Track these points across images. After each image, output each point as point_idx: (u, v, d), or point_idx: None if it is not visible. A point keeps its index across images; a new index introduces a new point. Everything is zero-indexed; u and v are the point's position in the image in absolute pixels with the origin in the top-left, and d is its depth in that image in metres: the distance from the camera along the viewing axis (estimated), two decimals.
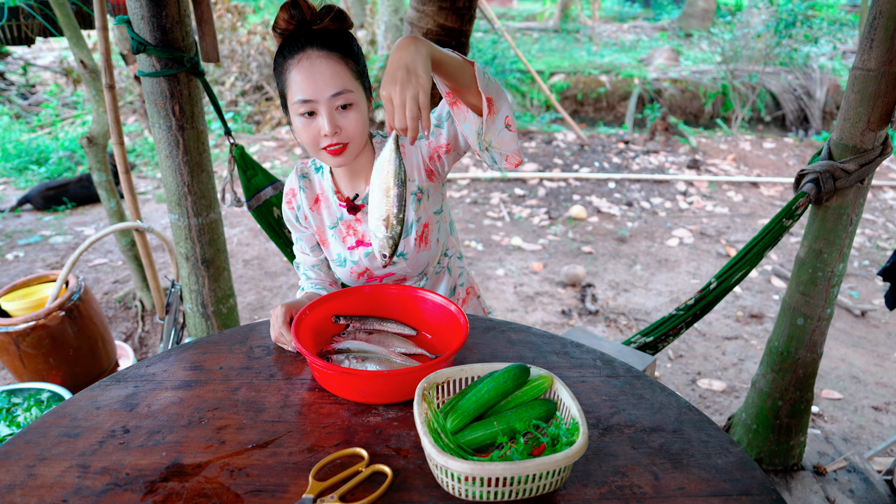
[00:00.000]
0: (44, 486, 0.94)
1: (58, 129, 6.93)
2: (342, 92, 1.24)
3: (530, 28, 14.51)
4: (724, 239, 4.76)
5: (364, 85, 1.31)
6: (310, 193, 1.48)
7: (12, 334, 2.28)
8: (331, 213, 1.48)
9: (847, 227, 1.95)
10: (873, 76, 1.77)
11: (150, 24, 1.80)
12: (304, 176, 1.49)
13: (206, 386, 1.18)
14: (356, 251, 1.49)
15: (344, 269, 1.53)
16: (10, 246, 4.37)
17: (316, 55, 1.23)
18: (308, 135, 1.27)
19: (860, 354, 3.32)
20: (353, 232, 1.47)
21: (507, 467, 0.86)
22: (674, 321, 2.07)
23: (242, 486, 0.94)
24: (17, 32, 2.75)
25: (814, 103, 8.01)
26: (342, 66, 1.25)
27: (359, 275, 1.54)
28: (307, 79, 1.23)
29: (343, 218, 1.47)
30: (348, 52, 1.27)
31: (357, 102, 1.27)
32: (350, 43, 1.29)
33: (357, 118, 1.28)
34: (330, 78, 1.23)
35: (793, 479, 2.20)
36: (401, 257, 1.49)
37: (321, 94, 1.23)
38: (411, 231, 1.47)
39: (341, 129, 1.27)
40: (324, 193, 1.48)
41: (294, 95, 1.25)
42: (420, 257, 1.48)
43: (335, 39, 1.26)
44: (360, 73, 1.29)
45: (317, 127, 1.26)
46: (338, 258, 1.51)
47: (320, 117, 1.25)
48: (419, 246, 1.47)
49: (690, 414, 1.13)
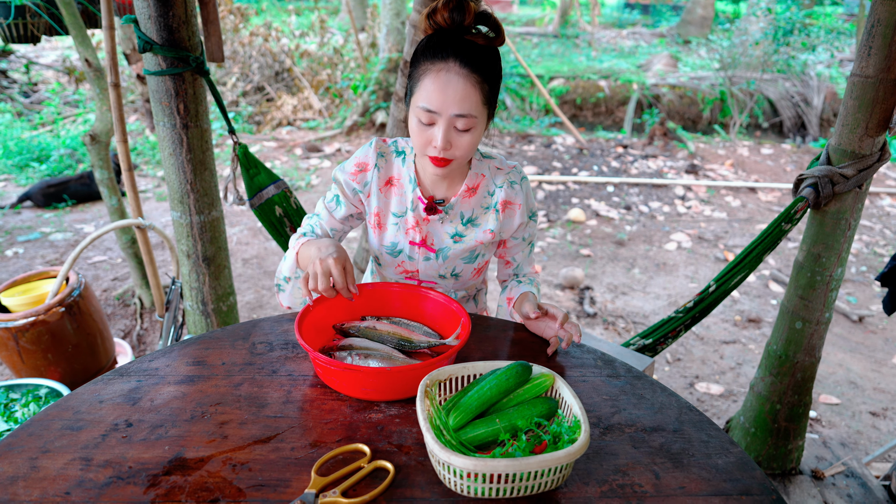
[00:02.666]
0: (47, 478, 0.94)
1: (59, 128, 6.92)
2: (466, 116, 1.25)
3: (530, 33, 14.55)
4: (722, 243, 4.77)
5: (489, 110, 1.31)
6: (384, 173, 1.47)
7: (11, 330, 2.27)
8: (402, 200, 1.48)
9: (845, 231, 1.96)
10: (871, 83, 1.79)
11: (157, 23, 1.80)
12: (382, 155, 1.47)
13: (208, 381, 1.19)
14: (417, 249, 1.50)
15: (394, 260, 1.54)
16: (10, 242, 4.36)
17: (456, 71, 1.22)
18: (419, 139, 1.29)
19: (858, 360, 3.33)
20: (420, 230, 1.48)
21: (509, 464, 0.86)
22: (673, 324, 2.08)
23: (245, 480, 0.94)
24: (23, 30, 2.76)
25: (811, 110, 8.04)
26: (476, 91, 1.24)
27: (406, 271, 1.55)
28: (438, 91, 1.23)
29: (415, 211, 1.46)
30: (488, 76, 1.26)
31: (476, 127, 1.28)
32: (494, 64, 1.28)
33: (471, 141, 1.29)
34: (461, 99, 1.23)
35: (791, 483, 2.21)
36: (454, 276, 1.55)
37: (446, 111, 1.24)
38: (474, 261, 1.53)
39: (452, 146, 1.28)
40: (400, 180, 1.47)
41: (420, 100, 1.25)
42: (468, 283, 1.60)
43: (481, 57, 1.24)
44: (490, 99, 1.29)
45: (430, 135, 1.27)
46: (391, 246, 1.51)
47: (437, 129, 1.26)
48: (475, 275, 1.58)
49: (691, 414, 1.14)
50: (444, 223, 1.48)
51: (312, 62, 8.50)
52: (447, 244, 1.50)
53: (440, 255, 1.50)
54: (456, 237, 1.49)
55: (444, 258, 1.51)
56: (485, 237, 1.49)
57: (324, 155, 6.64)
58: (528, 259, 1.61)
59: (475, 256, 1.53)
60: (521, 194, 1.47)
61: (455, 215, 1.47)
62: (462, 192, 1.45)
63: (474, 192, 1.46)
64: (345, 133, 7.24)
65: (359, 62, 8.39)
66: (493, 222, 1.48)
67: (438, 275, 1.54)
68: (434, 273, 1.53)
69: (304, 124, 7.67)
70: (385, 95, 7.23)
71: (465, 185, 1.45)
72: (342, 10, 14.51)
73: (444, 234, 1.49)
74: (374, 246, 1.56)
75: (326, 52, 8.74)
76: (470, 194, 1.46)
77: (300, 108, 7.93)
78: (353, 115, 7.32)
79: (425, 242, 1.49)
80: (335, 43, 9.14)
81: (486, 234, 1.49)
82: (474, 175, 1.46)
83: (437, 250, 1.50)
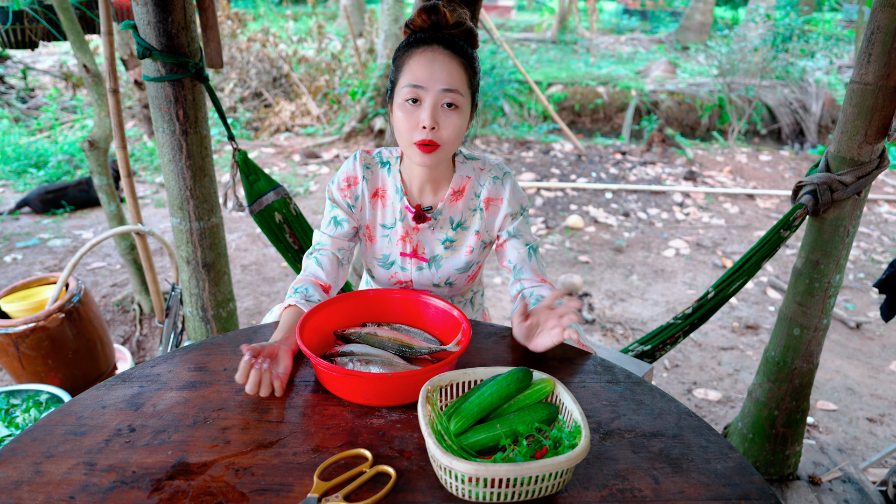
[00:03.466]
0: (51, 482, 0.95)
1: (57, 133, 6.93)
2: (453, 90, 1.27)
3: (528, 39, 14.61)
4: (721, 250, 4.79)
5: (472, 100, 1.34)
6: (371, 185, 1.48)
7: (12, 336, 2.28)
8: (389, 211, 1.48)
9: (844, 238, 1.97)
10: (871, 90, 1.80)
11: (157, 29, 1.81)
12: (367, 167, 1.47)
13: (210, 386, 1.19)
14: (409, 260, 1.50)
15: (387, 272, 1.54)
16: (9, 248, 4.36)
17: (441, 52, 1.27)
18: (406, 124, 1.29)
19: (855, 366, 3.34)
20: (410, 240, 1.48)
21: (510, 468, 0.87)
22: (671, 330, 2.09)
23: (248, 484, 0.95)
24: (20, 36, 2.77)
25: (809, 117, 8.09)
26: (461, 70, 1.28)
27: (399, 282, 1.55)
28: (424, 66, 1.26)
29: (404, 221, 1.47)
30: (469, 64, 1.31)
31: (462, 107, 1.30)
32: (474, 58, 1.33)
33: (457, 122, 1.30)
34: (447, 74, 1.26)
35: (788, 488, 2.21)
36: (448, 285, 1.55)
37: (433, 85, 1.26)
38: (468, 270, 1.53)
39: (439, 126, 1.29)
40: (386, 191, 1.48)
41: (406, 80, 1.27)
42: (462, 289, 1.61)
43: (462, 48, 1.30)
44: (472, 86, 1.33)
45: (416, 117, 1.28)
46: (383, 259, 1.52)
47: (423, 108, 1.27)
48: (468, 282, 1.58)
49: (690, 420, 1.14)
50: (434, 230, 1.49)
51: (310, 68, 8.53)
52: (438, 252, 1.50)
53: (433, 263, 1.51)
54: (447, 243, 1.49)
55: (437, 267, 1.51)
56: (474, 240, 1.49)
57: (322, 161, 6.65)
58: (528, 263, 1.49)
59: (469, 266, 1.53)
60: (503, 189, 1.46)
61: (444, 221, 1.48)
62: (448, 195, 1.46)
63: (461, 195, 1.47)
64: (343, 139, 7.26)
65: (357, 68, 8.42)
66: (478, 222, 1.48)
67: (432, 284, 1.54)
68: (427, 282, 1.54)
69: (302, 130, 7.69)
70: (383, 101, 7.26)
71: (450, 188, 1.45)
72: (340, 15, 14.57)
73: (436, 241, 1.49)
74: (366, 258, 1.57)
75: (324, 57, 8.77)
76: (457, 198, 1.47)
77: (298, 114, 7.95)
78: (352, 121, 7.34)
79: (416, 253, 1.50)
80: (333, 49, 9.17)
81: (474, 237, 1.49)
82: (459, 178, 1.46)
83: (428, 259, 1.51)
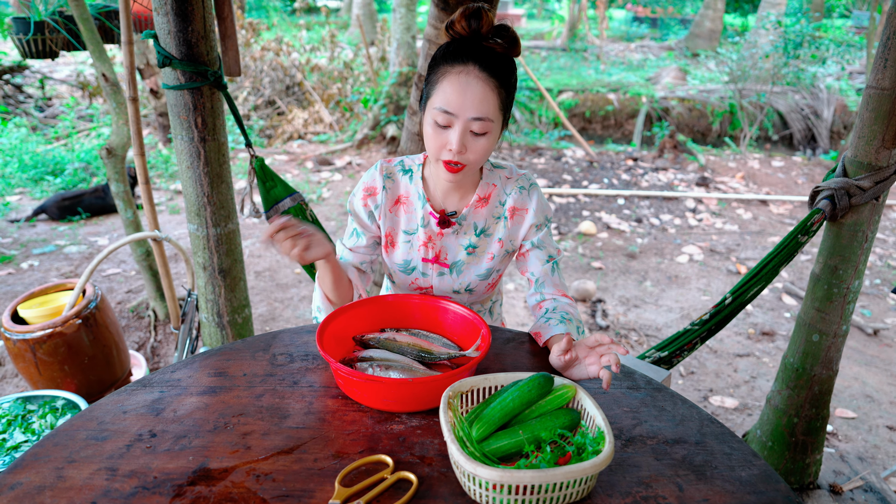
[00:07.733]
0: (73, 487, 0.95)
1: (73, 141, 7.00)
2: (483, 119, 1.26)
3: (539, 46, 14.65)
4: (734, 256, 4.76)
5: (504, 117, 1.33)
6: (391, 194, 1.48)
7: (29, 341, 2.29)
8: (411, 217, 1.49)
9: (862, 243, 1.95)
10: (888, 95, 1.79)
11: (177, 38, 1.83)
12: (388, 176, 1.48)
13: (230, 392, 1.19)
14: (430, 266, 1.50)
15: (406, 277, 1.54)
16: (26, 255, 4.41)
17: (475, 74, 1.24)
18: (434, 142, 1.29)
19: (873, 373, 3.30)
20: (433, 245, 1.48)
21: (535, 475, 0.86)
22: (689, 336, 2.07)
23: (269, 490, 0.95)
24: (41, 46, 2.81)
25: (821, 123, 8.03)
26: (494, 95, 1.26)
27: (419, 288, 1.56)
28: (457, 93, 1.24)
29: (427, 227, 1.47)
30: (505, 82, 1.28)
31: (491, 132, 1.29)
32: (511, 72, 1.30)
33: (485, 146, 1.30)
34: (479, 101, 1.24)
35: (809, 497, 2.18)
36: (468, 291, 1.55)
37: (463, 113, 1.25)
38: (489, 277, 1.53)
39: (467, 150, 1.29)
40: (408, 197, 1.48)
41: (438, 102, 1.26)
42: (482, 297, 1.60)
43: (499, 64, 1.27)
44: (505, 106, 1.31)
45: (445, 139, 1.28)
46: (404, 264, 1.52)
47: (452, 132, 1.27)
48: (488, 289, 1.58)
49: (712, 426, 1.13)
50: (458, 236, 1.49)
51: (323, 76, 8.59)
52: (461, 257, 1.50)
53: (454, 269, 1.51)
54: (470, 249, 1.49)
55: (458, 273, 1.51)
56: (496, 248, 1.49)
57: (335, 168, 6.68)
58: (550, 278, 1.49)
59: (489, 273, 1.53)
60: (529, 199, 1.46)
61: (468, 226, 1.48)
62: (474, 202, 1.46)
63: (486, 203, 1.47)
64: (355, 146, 7.29)
65: (369, 76, 8.47)
66: (502, 231, 1.48)
67: (452, 290, 1.54)
68: (448, 288, 1.54)
69: (314, 138, 7.73)
70: (395, 109, 7.29)
71: (476, 195, 1.45)
72: (352, 24, 14.66)
73: (459, 246, 1.49)
74: (386, 264, 1.57)
75: (337, 66, 8.83)
76: (482, 204, 1.46)
77: (311, 121, 8.00)
78: (364, 128, 7.37)
79: (438, 258, 1.50)
80: (345, 57, 9.23)
81: (497, 245, 1.49)
82: (486, 185, 1.46)
83: (450, 265, 1.51)
